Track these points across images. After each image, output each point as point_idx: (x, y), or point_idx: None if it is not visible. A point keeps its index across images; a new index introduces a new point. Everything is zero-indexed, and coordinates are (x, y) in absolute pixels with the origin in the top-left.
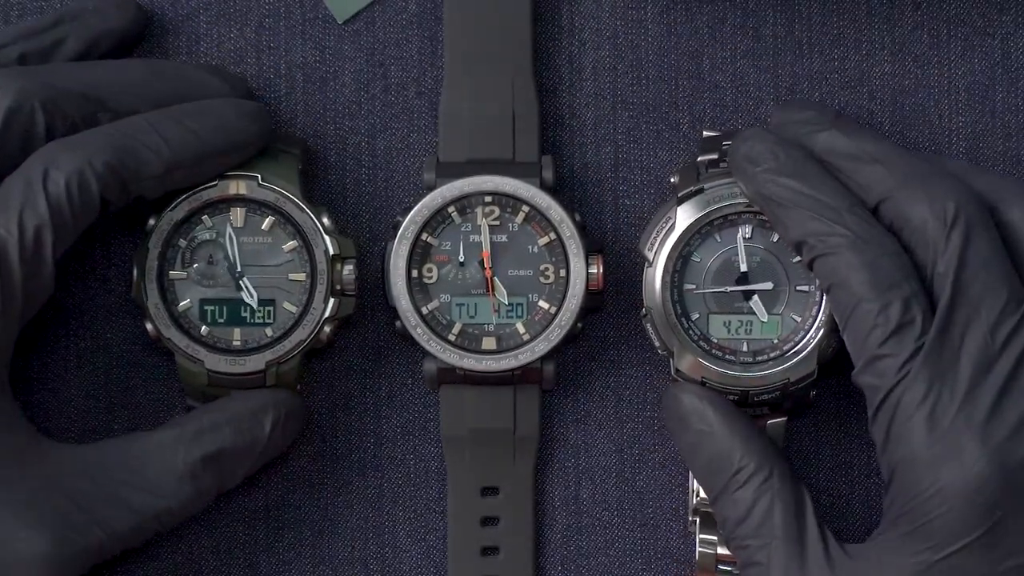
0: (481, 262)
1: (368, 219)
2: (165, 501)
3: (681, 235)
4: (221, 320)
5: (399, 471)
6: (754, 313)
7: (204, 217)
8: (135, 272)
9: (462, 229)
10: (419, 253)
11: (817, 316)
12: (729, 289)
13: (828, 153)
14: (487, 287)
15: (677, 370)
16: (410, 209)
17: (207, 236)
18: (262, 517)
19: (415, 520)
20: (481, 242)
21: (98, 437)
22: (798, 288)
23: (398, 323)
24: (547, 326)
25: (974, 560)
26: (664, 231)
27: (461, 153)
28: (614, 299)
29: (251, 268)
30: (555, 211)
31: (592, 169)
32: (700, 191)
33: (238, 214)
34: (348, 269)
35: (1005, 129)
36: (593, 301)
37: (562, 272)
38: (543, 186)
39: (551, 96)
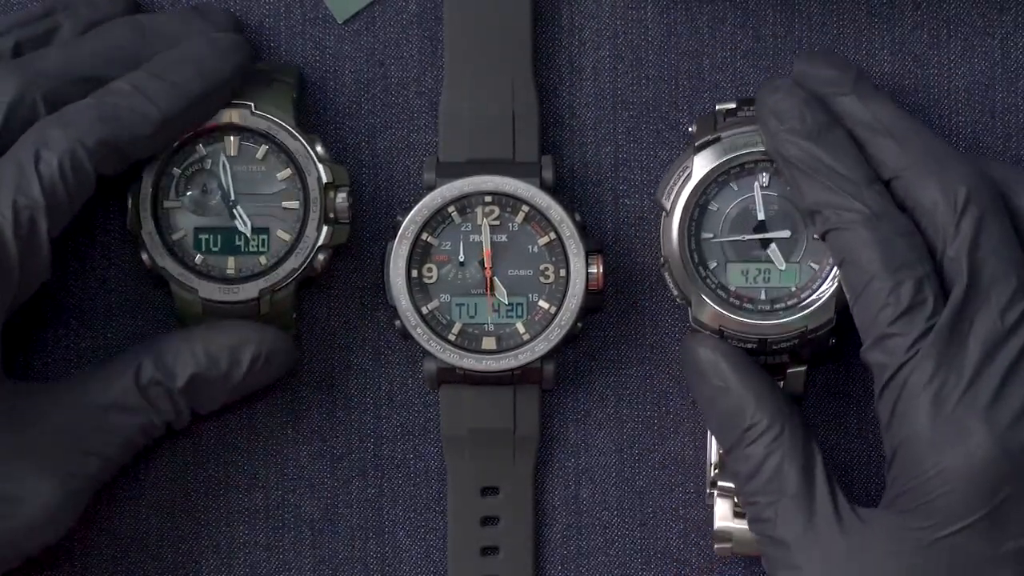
0: (481, 262)
1: (368, 219)
2: (147, 417)
3: (698, 184)
4: (215, 249)
5: (399, 471)
6: (772, 261)
7: (198, 146)
8: (129, 202)
9: (462, 229)
10: (419, 253)
11: (835, 264)
12: (746, 238)
13: (844, 118)
14: (487, 287)
15: (695, 319)
16: (410, 209)
17: (201, 165)
18: (262, 517)
19: (415, 520)
20: (481, 242)
21: None
22: (816, 236)
23: (398, 323)
24: (547, 326)
25: (974, 541)
26: (681, 180)
27: (461, 153)
28: (614, 299)
29: (245, 196)
30: (555, 211)
31: (592, 169)
32: (717, 140)
33: (232, 142)
34: (341, 197)
35: (1005, 129)
36: (593, 301)
37: (562, 272)
38: (543, 186)
39: (551, 96)
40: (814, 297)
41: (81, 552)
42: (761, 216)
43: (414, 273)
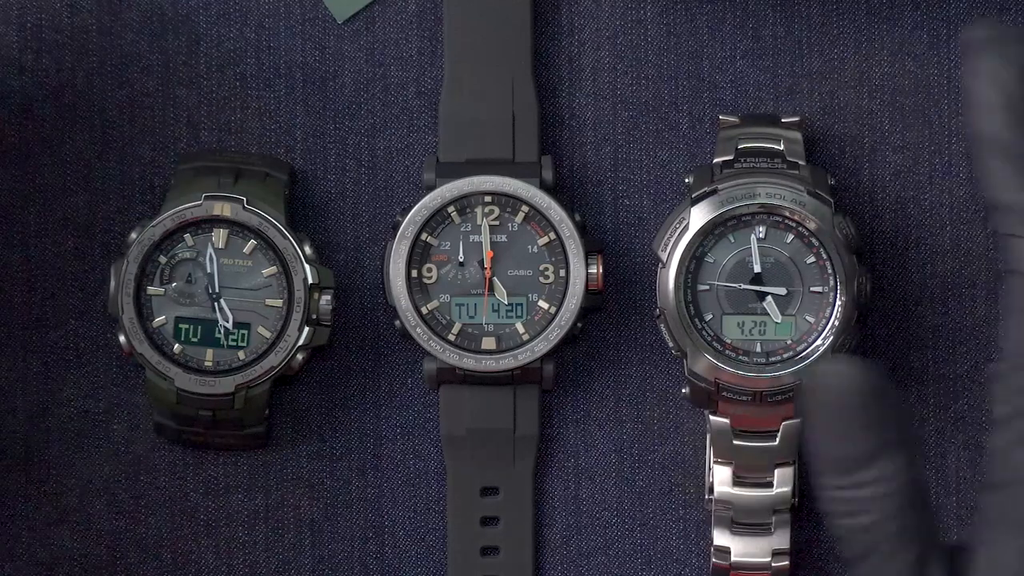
0: (481, 262)
1: (368, 219)
2: None
3: (695, 236)
4: (195, 339)
5: (399, 471)
6: (768, 314)
7: (186, 236)
8: (112, 284)
9: (462, 229)
10: (419, 253)
11: (831, 317)
12: (742, 286)
13: None
14: (486, 287)
15: (691, 371)
16: (410, 209)
17: (188, 255)
18: (262, 517)
19: (415, 520)
20: (481, 242)
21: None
22: (812, 289)
23: (398, 323)
24: (547, 326)
25: None
26: (678, 232)
27: (461, 153)
28: (614, 299)
29: (229, 290)
30: (555, 211)
31: (592, 169)
32: (714, 192)
33: (221, 235)
34: (325, 299)
35: None
36: (593, 301)
37: (562, 272)
38: (543, 186)
39: (551, 96)
40: (809, 351)
41: (80, 552)
42: (757, 268)
43: (414, 273)
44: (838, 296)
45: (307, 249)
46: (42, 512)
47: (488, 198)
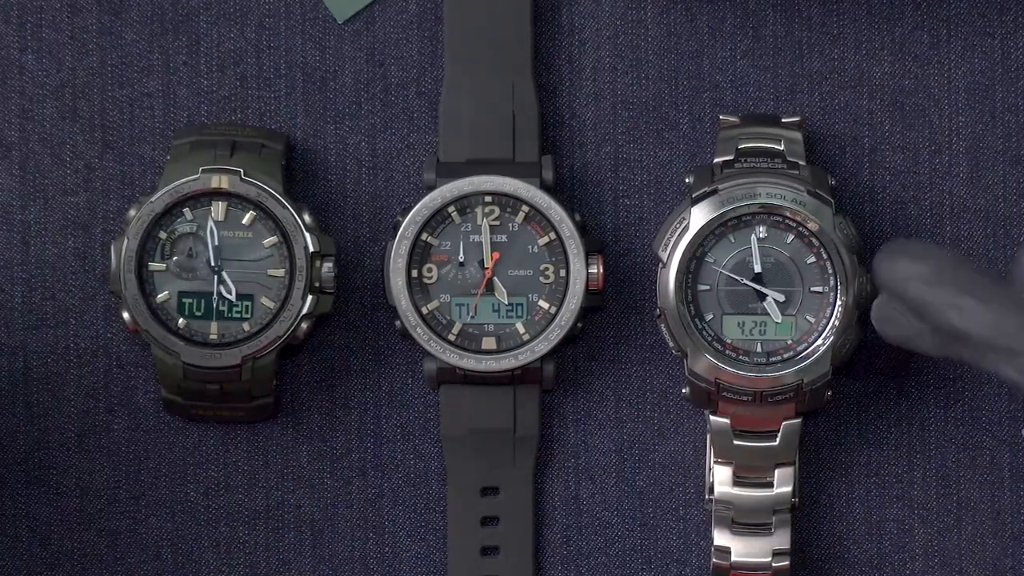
0: (481, 262)
1: (368, 219)
2: None
3: (695, 236)
4: (199, 313)
5: (399, 471)
6: (768, 314)
7: (185, 210)
8: (113, 262)
9: (462, 229)
10: (419, 253)
11: (831, 318)
12: (743, 280)
13: None
14: (485, 287)
15: (691, 371)
16: (410, 209)
17: (187, 229)
18: (262, 517)
19: (415, 520)
20: (481, 242)
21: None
22: (812, 289)
23: (398, 323)
24: (547, 326)
25: None
26: (678, 232)
27: (461, 153)
28: (614, 299)
29: (230, 262)
30: (555, 211)
31: (592, 169)
32: (714, 192)
33: (219, 208)
34: (327, 267)
35: (1005, 129)
36: (593, 301)
37: (562, 272)
38: (543, 186)
39: (551, 96)
40: (810, 351)
41: (80, 552)
42: (757, 268)
43: (414, 273)
44: (838, 296)
45: (306, 217)
46: (42, 512)
47: (488, 198)
